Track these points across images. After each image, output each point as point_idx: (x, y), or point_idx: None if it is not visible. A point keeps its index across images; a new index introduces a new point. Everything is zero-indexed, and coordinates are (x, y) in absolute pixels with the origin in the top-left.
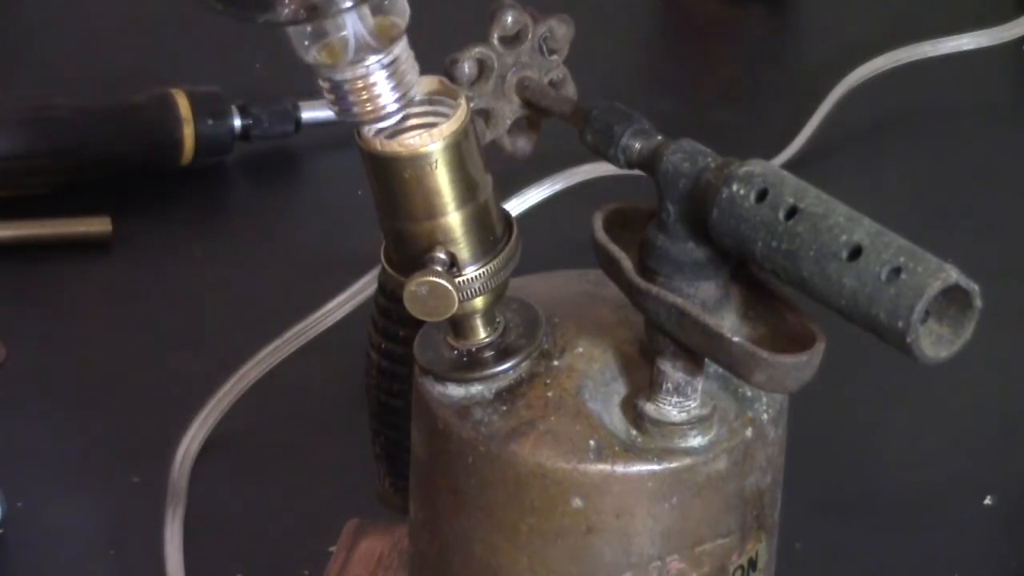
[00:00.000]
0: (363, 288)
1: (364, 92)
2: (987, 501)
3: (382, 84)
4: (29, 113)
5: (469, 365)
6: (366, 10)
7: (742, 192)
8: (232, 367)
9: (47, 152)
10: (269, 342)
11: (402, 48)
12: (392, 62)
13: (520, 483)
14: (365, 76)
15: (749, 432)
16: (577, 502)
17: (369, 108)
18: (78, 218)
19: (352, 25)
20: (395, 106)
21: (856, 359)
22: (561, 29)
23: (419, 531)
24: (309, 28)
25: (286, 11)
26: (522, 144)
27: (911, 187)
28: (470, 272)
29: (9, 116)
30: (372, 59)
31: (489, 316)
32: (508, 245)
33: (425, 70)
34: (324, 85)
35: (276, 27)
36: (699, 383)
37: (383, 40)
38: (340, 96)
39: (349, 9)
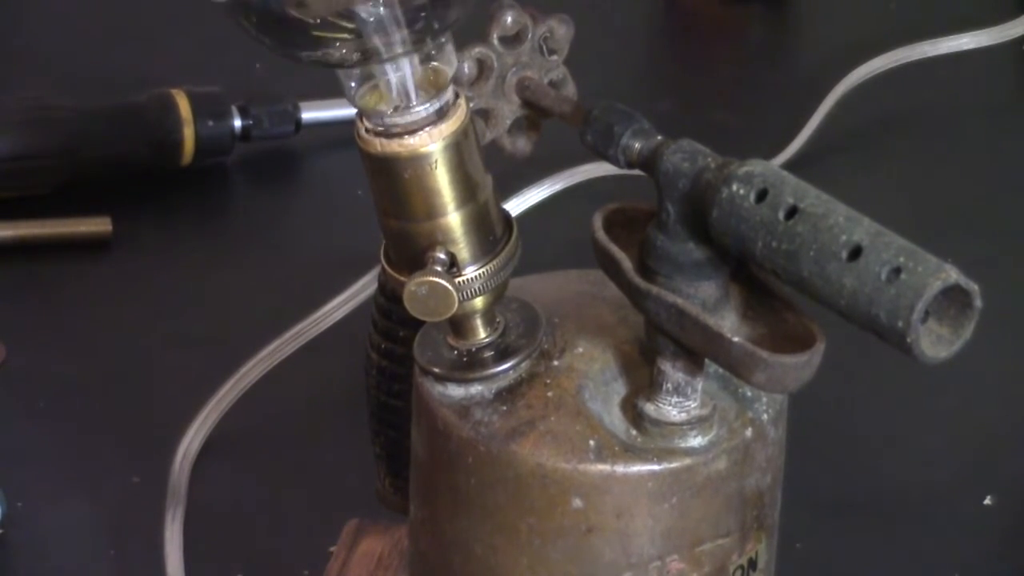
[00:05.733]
0: (363, 288)
1: (409, 134)
2: (987, 501)
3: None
4: (29, 113)
5: (469, 365)
6: (415, 59)
7: (742, 192)
8: (232, 367)
9: (47, 152)
10: (269, 342)
11: (449, 94)
12: (438, 109)
13: (520, 483)
14: (412, 122)
15: (749, 432)
16: (577, 502)
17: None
18: (78, 218)
19: (401, 71)
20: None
21: (856, 359)
22: (561, 29)
23: (419, 531)
24: (358, 71)
25: (337, 53)
26: (522, 144)
27: (911, 187)
28: (470, 272)
29: (9, 116)
30: (419, 107)
31: (489, 316)
32: (508, 245)
33: None
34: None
35: (325, 67)
36: (699, 383)
37: (430, 88)
38: (385, 130)
39: (400, 56)
